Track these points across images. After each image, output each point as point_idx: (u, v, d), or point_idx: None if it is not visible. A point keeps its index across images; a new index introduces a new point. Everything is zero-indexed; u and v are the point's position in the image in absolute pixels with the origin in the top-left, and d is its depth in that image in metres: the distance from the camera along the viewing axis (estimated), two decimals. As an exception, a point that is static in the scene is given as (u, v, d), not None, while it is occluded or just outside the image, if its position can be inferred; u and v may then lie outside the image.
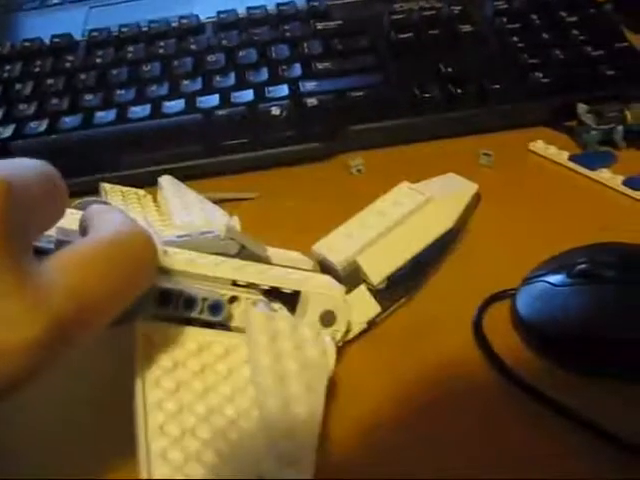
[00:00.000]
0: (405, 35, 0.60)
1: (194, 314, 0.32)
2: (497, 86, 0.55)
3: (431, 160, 0.53)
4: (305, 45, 0.60)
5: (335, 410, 0.35)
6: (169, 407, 0.28)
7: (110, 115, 0.56)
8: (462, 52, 0.59)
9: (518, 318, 0.39)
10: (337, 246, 0.38)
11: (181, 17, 0.66)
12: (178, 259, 0.33)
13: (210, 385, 0.30)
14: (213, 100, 0.56)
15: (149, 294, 0.31)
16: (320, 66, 0.58)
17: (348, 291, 0.38)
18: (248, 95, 0.56)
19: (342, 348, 0.38)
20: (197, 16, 0.66)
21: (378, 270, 0.38)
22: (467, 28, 0.60)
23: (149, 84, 0.59)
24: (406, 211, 0.40)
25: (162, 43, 0.63)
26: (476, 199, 0.43)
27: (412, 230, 0.39)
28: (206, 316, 0.32)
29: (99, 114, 0.57)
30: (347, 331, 0.37)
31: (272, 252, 0.39)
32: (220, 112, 0.55)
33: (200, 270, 0.33)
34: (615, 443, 0.33)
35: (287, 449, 0.27)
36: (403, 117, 0.54)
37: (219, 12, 0.65)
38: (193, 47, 0.62)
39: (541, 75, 0.56)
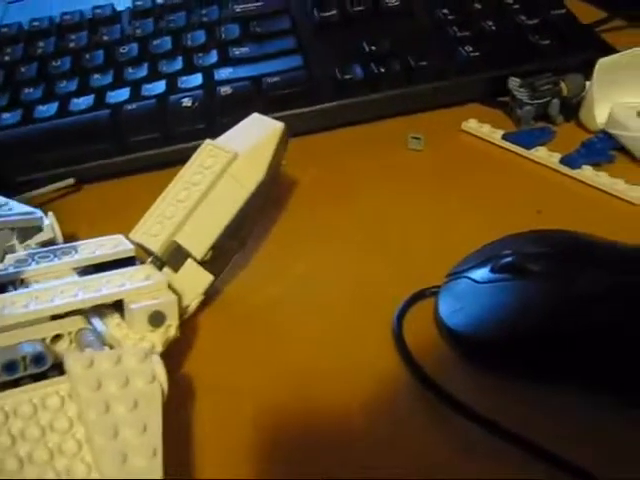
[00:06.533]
0: (328, 13, 0.56)
1: (20, 374, 0.30)
2: (424, 63, 0.51)
3: (356, 146, 0.50)
4: (222, 30, 0.56)
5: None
6: None
7: (15, 116, 0.52)
8: (388, 28, 0.55)
9: (438, 319, 0.36)
10: (153, 230, 0.38)
11: (96, 7, 0.62)
12: None
13: (55, 447, 0.27)
14: (123, 94, 0.53)
15: None
16: (237, 52, 0.54)
17: (176, 269, 0.37)
18: (160, 87, 0.53)
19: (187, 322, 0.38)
20: (112, 5, 0.62)
21: (199, 244, 0.38)
22: (393, 2, 0.56)
23: (58, 80, 0.55)
24: (214, 175, 0.38)
25: (73, 36, 0.59)
26: (285, 138, 0.41)
27: (225, 193, 0.38)
28: (32, 370, 0.30)
29: (4, 115, 0.53)
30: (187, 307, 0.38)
31: (90, 243, 0.39)
32: (129, 106, 0.51)
33: (11, 320, 0.32)
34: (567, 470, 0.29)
35: None
36: (324, 102, 0.51)
37: (135, -1, 0.62)
38: (105, 38, 0.58)
39: (471, 49, 0.52)
